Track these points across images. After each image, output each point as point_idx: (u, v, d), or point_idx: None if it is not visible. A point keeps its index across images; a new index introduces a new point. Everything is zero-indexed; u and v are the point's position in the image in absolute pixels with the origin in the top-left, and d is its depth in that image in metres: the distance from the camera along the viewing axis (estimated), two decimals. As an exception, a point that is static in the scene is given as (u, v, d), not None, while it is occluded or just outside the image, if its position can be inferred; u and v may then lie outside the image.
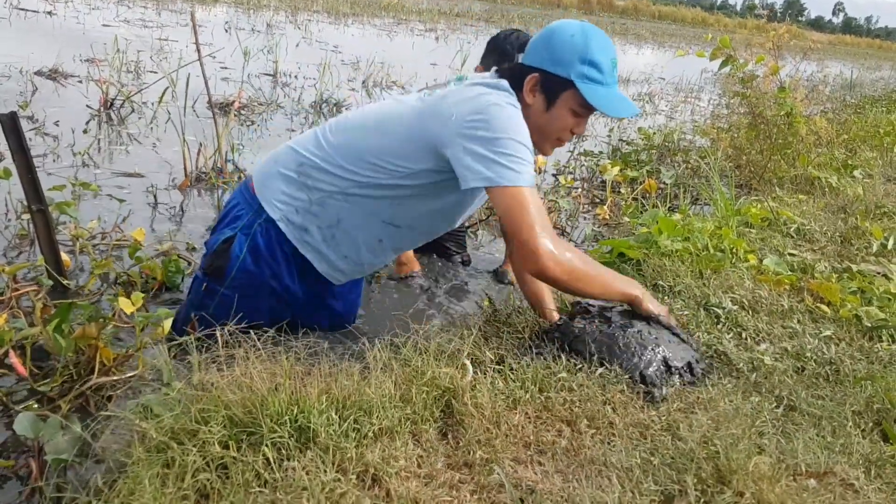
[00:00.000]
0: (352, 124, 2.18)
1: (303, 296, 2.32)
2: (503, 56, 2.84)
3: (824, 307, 2.55)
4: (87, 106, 5.30)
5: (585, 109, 1.98)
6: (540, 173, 5.06)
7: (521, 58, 2.05)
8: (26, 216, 3.13)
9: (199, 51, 4.02)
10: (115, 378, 2.08)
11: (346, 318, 2.56)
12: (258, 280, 2.23)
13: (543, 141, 2.07)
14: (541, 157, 2.03)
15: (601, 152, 6.09)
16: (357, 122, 2.17)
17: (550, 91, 1.98)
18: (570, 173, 5.48)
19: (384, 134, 2.08)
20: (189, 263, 3.13)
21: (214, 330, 1.72)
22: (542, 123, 2.02)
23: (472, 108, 1.92)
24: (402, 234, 2.22)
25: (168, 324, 2.19)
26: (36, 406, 2.02)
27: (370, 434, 1.48)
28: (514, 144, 1.88)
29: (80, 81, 6.20)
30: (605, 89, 1.95)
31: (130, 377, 2.06)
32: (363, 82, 8.30)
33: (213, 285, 2.26)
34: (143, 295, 2.18)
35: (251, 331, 1.71)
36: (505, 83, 2.01)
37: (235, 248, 2.21)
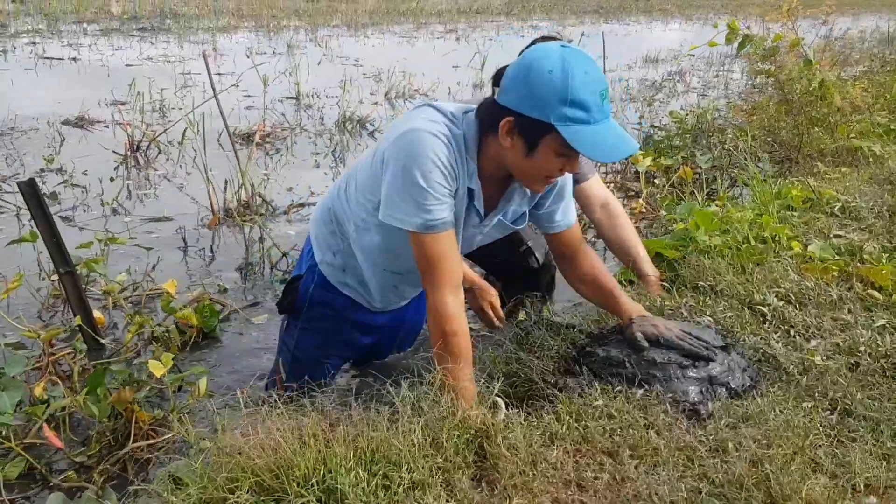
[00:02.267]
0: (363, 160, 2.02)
1: (386, 320, 2.31)
2: None
3: (876, 293, 2.42)
4: (114, 151, 5.36)
5: (572, 150, 1.70)
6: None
7: (497, 92, 1.78)
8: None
9: (213, 89, 4.03)
10: (151, 442, 2.07)
11: (416, 331, 2.58)
12: (332, 312, 2.20)
13: (530, 182, 1.87)
14: None
15: (632, 141, 5.96)
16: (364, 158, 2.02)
17: (529, 136, 1.73)
18: (602, 166, 5.35)
19: (366, 167, 1.95)
20: (223, 307, 3.11)
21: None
22: (524, 167, 1.80)
23: (397, 133, 1.78)
24: (411, 278, 2.07)
25: (203, 383, 2.17)
26: (73, 475, 2.02)
27: (401, 489, 1.43)
28: (410, 185, 1.73)
29: (107, 126, 6.29)
30: (593, 128, 1.69)
31: (166, 440, 2.05)
32: (385, 94, 8.26)
33: (291, 322, 2.30)
34: (172, 355, 2.17)
35: (272, 389, 1.67)
36: (453, 109, 1.84)
37: (302, 284, 2.20)
